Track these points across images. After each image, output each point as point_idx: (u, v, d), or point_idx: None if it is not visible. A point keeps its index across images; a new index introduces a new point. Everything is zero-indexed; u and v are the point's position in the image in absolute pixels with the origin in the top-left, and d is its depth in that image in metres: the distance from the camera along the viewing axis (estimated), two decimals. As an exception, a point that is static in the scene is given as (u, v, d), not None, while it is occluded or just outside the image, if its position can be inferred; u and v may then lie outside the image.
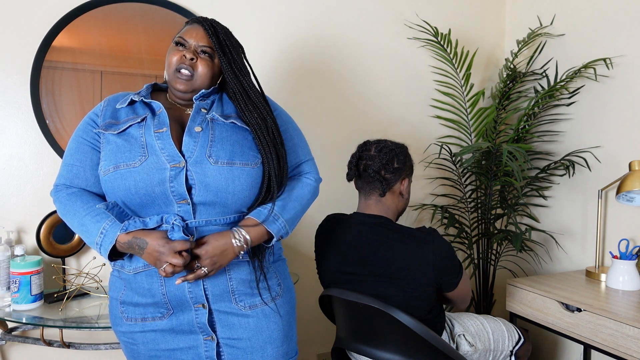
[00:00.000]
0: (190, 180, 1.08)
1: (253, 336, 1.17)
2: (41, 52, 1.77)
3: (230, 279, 1.15)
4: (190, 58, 1.17)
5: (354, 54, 2.27)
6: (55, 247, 1.79)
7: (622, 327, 1.52)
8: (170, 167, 1.07)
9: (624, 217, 2.01)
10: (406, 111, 2.40)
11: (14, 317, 1.55)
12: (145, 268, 1.12)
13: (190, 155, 1.10)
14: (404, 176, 1.56)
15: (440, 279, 1.45)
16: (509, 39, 2.57)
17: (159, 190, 1.07)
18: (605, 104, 2.09)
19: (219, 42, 1.19)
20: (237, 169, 1.11)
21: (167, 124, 1.13)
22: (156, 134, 1.11)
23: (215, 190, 1.09)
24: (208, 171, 1.09)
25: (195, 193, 1.09)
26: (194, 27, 1.21)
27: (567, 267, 2.27)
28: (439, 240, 1.44)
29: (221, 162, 1.10)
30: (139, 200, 1.09)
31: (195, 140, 1.12)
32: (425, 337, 1.40)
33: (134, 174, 1.07)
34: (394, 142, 1.58)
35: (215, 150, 1.11)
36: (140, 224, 1.08)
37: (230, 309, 1.16)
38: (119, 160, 1.09)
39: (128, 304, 1.16)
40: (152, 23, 1.92)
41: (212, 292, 1.14)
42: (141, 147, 1.10)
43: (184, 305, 1.13)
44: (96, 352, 1.89)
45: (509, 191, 2.33)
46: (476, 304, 2.38)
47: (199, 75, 1.18)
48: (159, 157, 1.09)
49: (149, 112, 1.17)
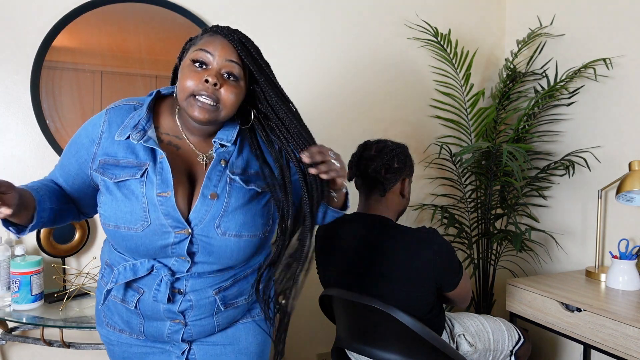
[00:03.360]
0: (194, 245, 1.00)
1: (229, 343, 1.12)
2: (41, 52, 1.77)
3: (219, 325, 1.09)
4: (213, 84, 0.93)
5: (354, 54, 2.27)
6: (55, 247, 1.79)
7: (622, 327, 1.52)
8: (174, 233, 0.98)
9: (624, 217, 2.01)
10: (406, 111, 2.40)
11: (14, 317, 1.55)
12: (122, 302, 1.05)
13: (198, 224, 0.98)
14: (405, 176, 1.56)
15: (440, 279, 1.45)
16: (509, 39, 2.57)
17: (160, 250, 1.00)
18: (605, 104, 2.09)
19: (254, 61, 0.98)
20: (244, 241, 1.02)
21: (171, 186, 0.97)
22: (159, 198, 0.97)
23: (218, 257, 1.02)
24: (214, 241, 1.00)
25: (197, 256, 1.01)
26: (218, 40, 0.96)
27: (567, 267, 2.27)
28: (439, 240, 1.44)
29: (229, 234, 1.00)
30: (138, 255, 1.02)
31: (207, 208, 0.98)
32: (425, 337, 1.40)
33: (135, 239, 0.98)
34: (394, 142, 1.58)
35: (225, 222, 0.99)
36: (130, 273, 1.02)
37: (211, 332, 1.12)
38: (119, 220, 0.98)
39: (115, 319, 1.11)
40: (152, 23, 1.92)
41: (196, 335, 1.08)
42: (143, 209, 0.97)
43: (163, 341, 1.10)
44: (96, 352, 1.89)
45: (509, 191, 2.33)
46: (476, 304, 2.38)
47: (225, 106, 0.96)
48: (162, 222, 0.97)
49: (150, 160, 0.99)
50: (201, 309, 1.05)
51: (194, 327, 1.06)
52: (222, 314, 1.08)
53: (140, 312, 1.05)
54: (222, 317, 1.09)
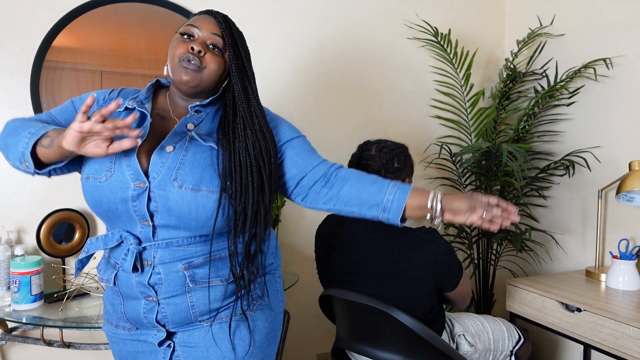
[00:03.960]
0: (153, 202, 1.01)
1: (211, 346, 1.09)
2: (41, 52, 1.77)
3: (193, 306, 1.07)
4: (198, 51, 1.04)
5: (354, 53, 2.27)
6: (55, 247, 1.79)
7: (622, 327, 1.52)
8: (134, 186, 1.01)
9: (624, 217, 2.01)
10: (406, 111, 2.40)
11: (14, 317, 1.55)
12: (105, 282, 1.11)
13: (155, 177, 1.01)
14: (404, 176, 1.55)
15: (440, 279, 1.45)
16: (509, 39, 2.57)
17: (122, 208, 1.02)
18: (605, 104, 2.09)
19: (232, 38, 1.08)
20: (202, 196, 1.01)
21: (143, 139, 1.03)
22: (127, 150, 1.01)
23: (178, 216, 1.02)
24: (171, 195, 1.01)
25: (157, 216, 1.02)
26: (205, 18, 1.09)
27: (567, 267, 2.27)
28: (438, 240, 1.44)
29: (186, 187, 1.01)
30: (104, 214, 1.06)
31: (164, 160, 1.03)
32: (425, 337, 1.40)
33: (98, 189, 1.03)
34: (395, 142, 1.58)
35: (182, 174, 1.02)
36: (101, 243, 1.07)
37: (191, 327, 1.10)
38: (89, 171, 1.05)
39: (109, 308, 1.16)
40: (152, 23, 1.92)
41: (171, 319, 1.07)
42: (110, 161, 1.03)
43: (142, 325, 1.10)
44: (96, 352, 1.89)
45: (509, 191, 2.33)
46: (476, 304, 2.38)
47: (208, 70, 1.06)
48: (124, 174, 1.02)
49: (135, 124, 1.07)
50: (171, 284, 1.05)
51: (168, 306, 1.06)
52: (195, 293, 1.06)
53: (119, 290, 1.09)
54: (195, 297, 1.06)
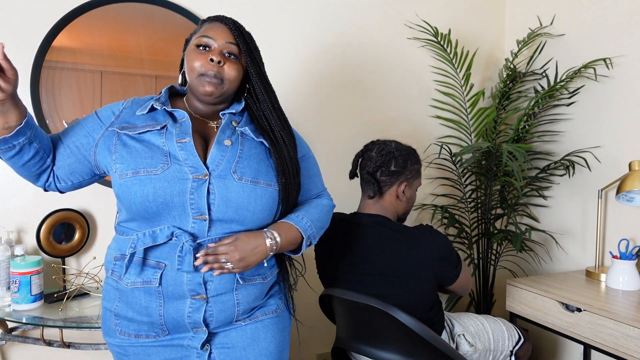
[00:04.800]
0: (212, 194, 1.03)
1: (249, 345, 1.12)
2: (41, 52, 1.77)
3: (238, 304, 1.10)
4: (218, 61, 1.07)
5: (354, 54, 2.27)
6: (55, 247, 1.79)
7: (622, 327, 1.52)
8: (192, 177, 1.02)
9: (624, 217, 2.01)
10: (406, 111, 2.40)
11: (14, 317, 1.55)
12: (144, 284, 1.05)
13: (215, 169, 1.04)
14: (403, 179, 1.54)
15: (440, 274, 1.45)
16: (509, 39, 2.57)
17: (178, 201, 1.01)
18: (605, 104, 2.09)
19: (246, 44, 1.10)
20: (260, 189, 1.07)
21: (190, 134, 1.06)
22: (179, 144, 1.05)
23: (236, 207, 1.04)
24: (231, 187, 1.04)
25: (215, 208, 1.03)
26: (217, 26, 1.10)
27: (567, 267, 2.27)
28: (435, 235, 1.44)
29: (245, 179, 1.05)
30: (155, 209, 1.02)
31: (223, 153, 1.07)
32: (425, 337, 1.40)
33: (154, 181, 1.01)
34: (401, 145, 1.55)
35: (241, 167, 1.06)
36: (149, 239, 1.03)
37: (230, 327, 1.12)
38: (138, 165, 1.02)
39: (122, 317, 1.10)
40: (152, 23, 1.92)
41: (216, 318, 1.08)
42: (163, 154, 1.04)
43: (180, 328, 1.08)
44: (96, 352, 1.90)
45: (509, 191, 2.33)
46: (476, 304, 2.38)
47: (228, 80, 1.09)
48: (181, 166, 1.03)
49: (170, 120, 1.10)
50: (222, 281, 1.06)
51: (215, 304, 1.06)
52: (241, 291, 1.09)
53: (161, 292, 1.04)
54: (241, 295, 1.09)
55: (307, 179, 1.23)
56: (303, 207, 1.19)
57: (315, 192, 1.26)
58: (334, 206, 1.30)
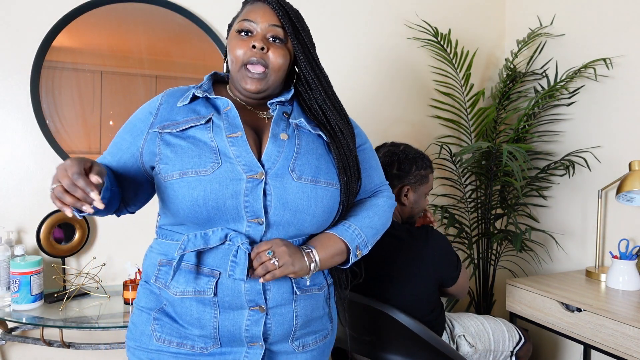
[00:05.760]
0: (268, 196, 0.91)
1: None
2: (41, 52, 1.77)
3: (297, 317, 0.99)
4: (261, 48, 0.95)
5: (354, 53, 2.27)
6: (55, 247, 1.78)
7: (622, 327, 1.52)
8: (246, 178, 0.91)
9: (624, 217, 2.01)
10: (406, 111, 2.40)
11: (14, 317, 1.55)
12: (195, 294, 0.93)
13: (271, 167, 0.93)
14: (405, 184, 1.53)
15: (440, 275, 1.45)
16: (509, 39, 2.57)
17: (231, 204, 0.90)
18: (605, 104, 2.09)
19: (292, 25, 0.98)
20: (321, 189, 0.95)
21: (241, 127, 0.95)
22: (229, 139, 0.93)
23: (295, 210, 0.93)
24: (289, 187, 0.92)
25: (271, 211, 0.92)
26: (259, 7, 0.98)
27: (567, 267, 2.27)
28: (435, 236, 1.44)
29: (305, 178, 0.94)
30: (206, 214, 0.91)
31: (280, 149, 0.95)
32: (426, 338, 1.40)
33: (203, 184, 0.89)
34: (409, 149, 1.54)
35: (299, 164, 0.94)
36: (201, 241, 0.92)
37: (284, 349, 1.01)
38: (185, 165, 0.91)
39: (166, 322, 0.97)
40: (152, 23, 1.92)
41: (274, 332, 0.97)
42: (212, 152, 0.92)
43: (235, 342, 0.96)
44: (96, 352, 1.89)
45: (509, 191, 2.33)
46: (476, 304, 2.38)
47: (274, 69, 0.97)
48: (234, 165, 0.91)
49: (214, 112, 0.98)
50: (279, 290, 0.96)
51: (274, 317, 0.96)
52: (299, 302, 0.99)
53: (217, 302, 0.93)
54: (300, 307, 0.99)
55: (363, 172, 1.09)
56: (353, 211, 1.06)
57: (370, 189, 1.12)
58: (394, 204, 1.15)
